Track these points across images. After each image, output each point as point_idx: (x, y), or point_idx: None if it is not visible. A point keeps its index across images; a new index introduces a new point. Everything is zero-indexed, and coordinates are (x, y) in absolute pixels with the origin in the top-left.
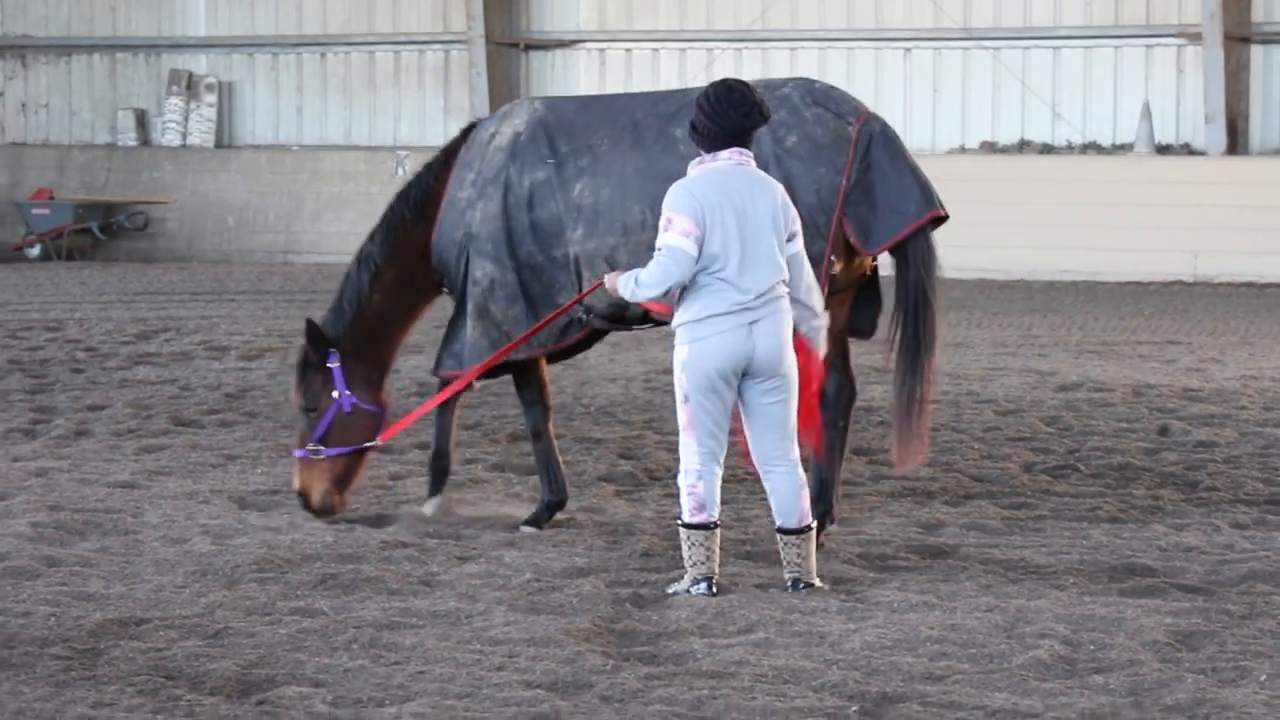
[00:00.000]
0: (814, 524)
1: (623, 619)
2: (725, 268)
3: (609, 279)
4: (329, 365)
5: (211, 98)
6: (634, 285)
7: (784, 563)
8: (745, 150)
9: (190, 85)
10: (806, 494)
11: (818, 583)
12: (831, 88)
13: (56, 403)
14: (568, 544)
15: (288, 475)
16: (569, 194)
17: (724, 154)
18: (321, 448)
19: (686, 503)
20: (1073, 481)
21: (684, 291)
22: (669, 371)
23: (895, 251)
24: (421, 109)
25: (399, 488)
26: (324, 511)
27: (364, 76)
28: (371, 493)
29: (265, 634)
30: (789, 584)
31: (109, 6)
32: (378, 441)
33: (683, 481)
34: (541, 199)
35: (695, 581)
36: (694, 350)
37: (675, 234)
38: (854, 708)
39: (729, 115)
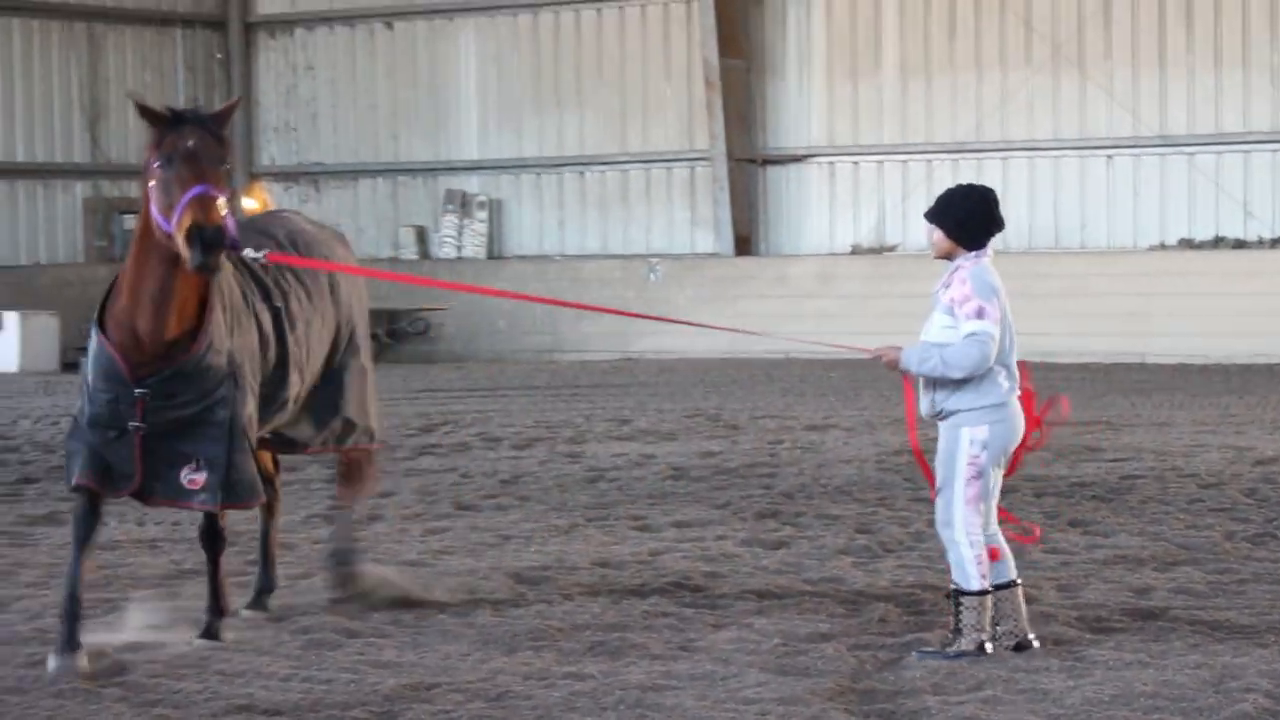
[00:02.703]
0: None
1: (863, 679)
2: (1006, 354)
3: (890, 352)
4: None
5: (483, 214)
6: (939, 364)
7: (1003, 617)
8: None
9: (464, 203)
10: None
11: (1034, 640)
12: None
13: None
14: (812, 611)
15: (559, 553)
16: (287, 342)
17: (988, 250)
18: None
19: (974, 571)
20: (1271, 548)
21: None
22: (900, 453)
23: None
24: (670, 220)
25: (658, 562)
26: None
27: (618, 192)
28: (633, 567)
29: (541, 696)
30: (1013, 643)
31: (391, 135)
32: None
33: (969, 553)
34: (272, 341)
35: (979, 646)
36: (994, 431)
37: (990, 323)
38: None
39: (1000, 216)
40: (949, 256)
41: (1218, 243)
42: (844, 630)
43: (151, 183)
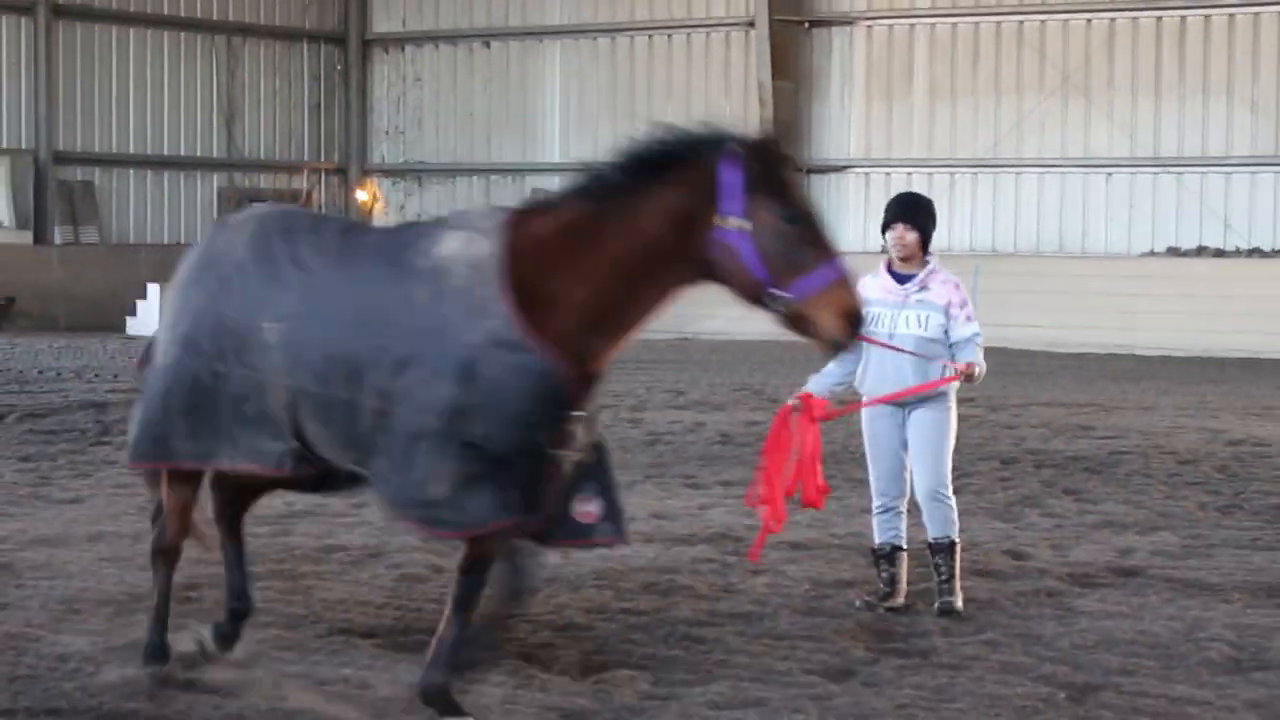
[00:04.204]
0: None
1: (880, 621)
2: None
3: (973, 368)
4: None
5: None
6: (980, 370)
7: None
8: None
9: None
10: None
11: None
12: None
13: None
14: (837, 561)
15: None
16: None
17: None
18: None
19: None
20: (1238, 517)
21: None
22: None
23: None
24: None
25: (705, 515)
26: None
27: None
28: (684, 519)
29: (601, 628)
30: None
31: (485, 139)
32: None
33: (954, 514)
34: None
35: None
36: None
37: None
38: (1063, 695)
39: None
40: (910, 259)
41: (1200, 251)
42: (865, 579)
43: (753, 226)
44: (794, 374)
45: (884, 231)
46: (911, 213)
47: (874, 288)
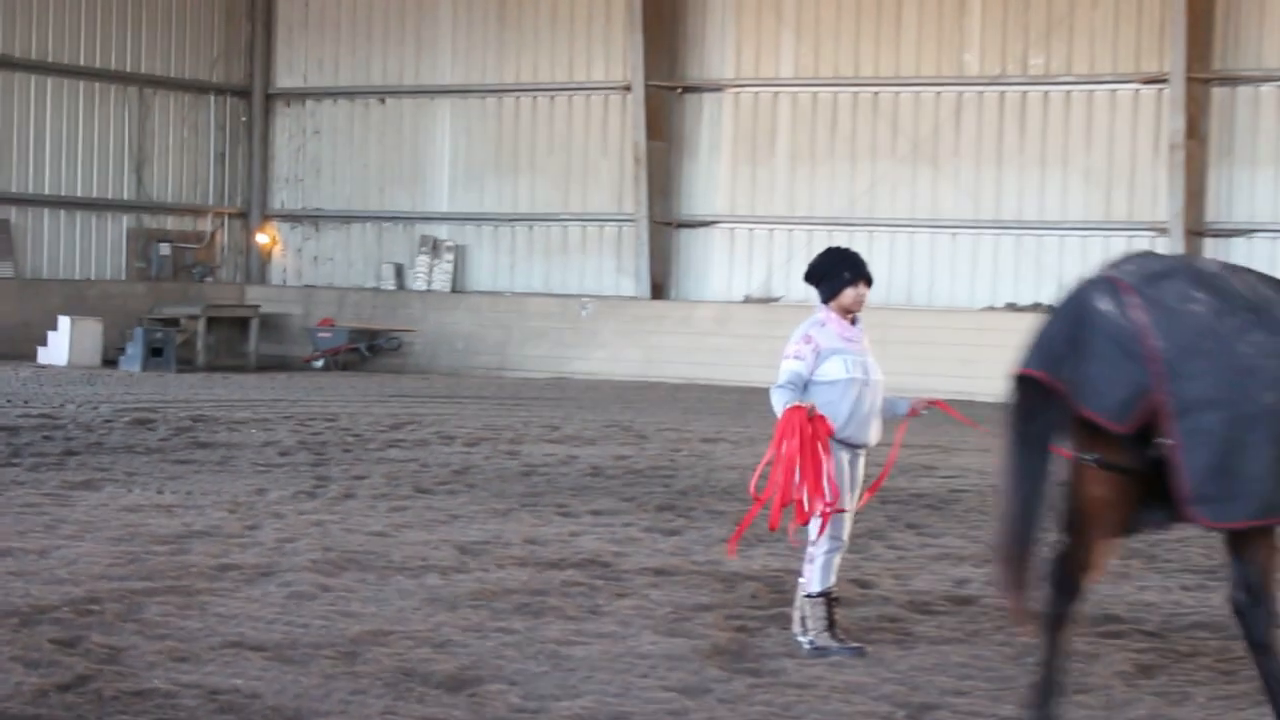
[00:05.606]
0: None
1: (735, 643)
2: None
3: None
4: None
5: (450, 256)
6: None
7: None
8: None
9: (434, 247)
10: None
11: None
12: None
13: (332, 473)
14: (697, 587)
15: (497, 531)
16: None
17: None
18: None
19: None
20: None
21: None
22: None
23: None
24: (600, 268)
25: (575, 542)
26: None
27: (560, 243)
28: (555, 545)
29: (476, 645)
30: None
31: (378, 189)
32: None
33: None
34: None
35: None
36: None
37: None
38: (901, 713)
39: None
40: (856, 311)
41: (1036, 307)
42: (722, 603)
43: None
44: (659, 412)
45: (842, 288)
46: (868, 271)
47: (834, 336)
